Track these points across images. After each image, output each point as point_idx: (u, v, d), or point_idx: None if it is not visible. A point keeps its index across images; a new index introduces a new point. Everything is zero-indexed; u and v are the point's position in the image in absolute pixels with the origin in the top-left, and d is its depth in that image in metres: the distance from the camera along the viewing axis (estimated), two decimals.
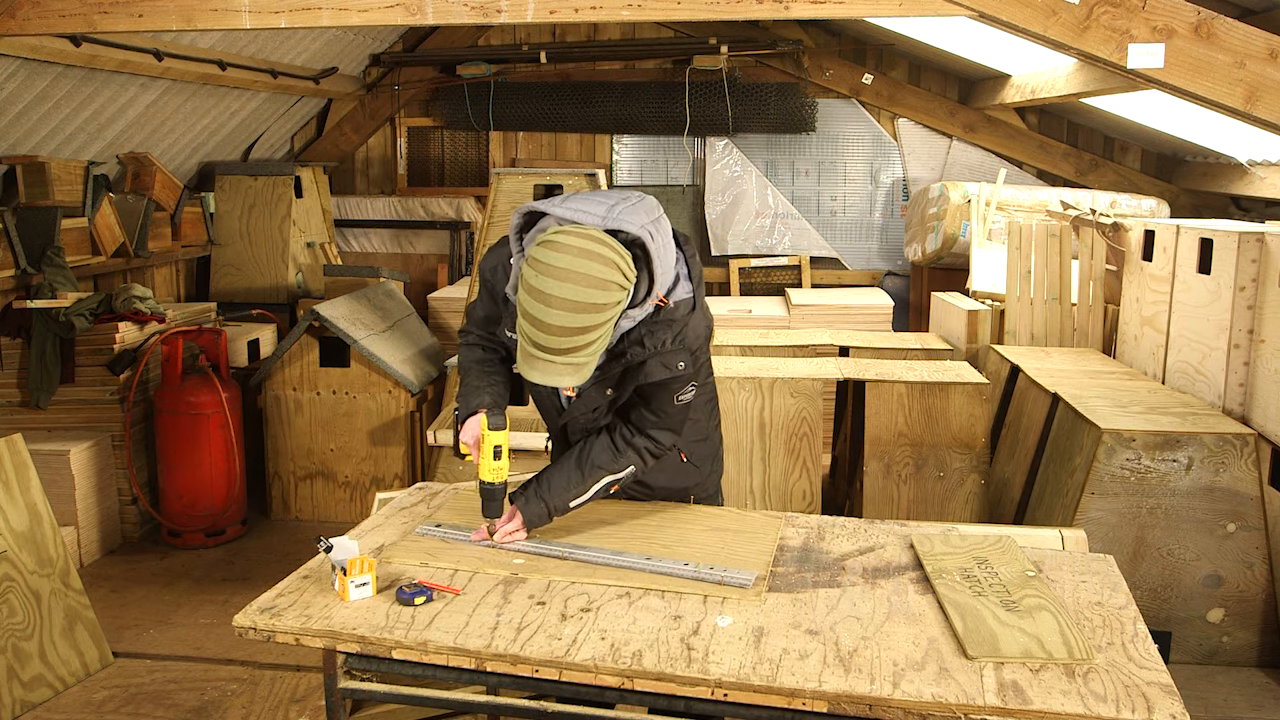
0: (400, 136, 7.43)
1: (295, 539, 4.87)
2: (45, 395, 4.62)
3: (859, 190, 7.10)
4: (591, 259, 2.01)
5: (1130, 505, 3.58)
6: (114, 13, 3.72)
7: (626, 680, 1.78)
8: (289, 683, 3.49)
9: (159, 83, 5.38)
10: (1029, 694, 1.68)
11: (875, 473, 4.13)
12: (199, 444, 4.73)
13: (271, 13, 3.67)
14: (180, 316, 5.10)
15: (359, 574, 2.03)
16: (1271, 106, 3.38)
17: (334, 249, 7.02)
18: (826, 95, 6.96)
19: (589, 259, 2.01)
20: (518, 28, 7.03)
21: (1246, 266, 3.82)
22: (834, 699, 1.70)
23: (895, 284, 7.09)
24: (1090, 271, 5.05)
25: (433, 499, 2.63)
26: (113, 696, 3.43)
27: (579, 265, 2.00)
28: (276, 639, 1.93)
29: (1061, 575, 2.16)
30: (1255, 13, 3.81)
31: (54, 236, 4.92)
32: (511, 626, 1.91)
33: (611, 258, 2.03)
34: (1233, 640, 3.61)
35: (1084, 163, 6.68)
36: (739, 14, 3.58)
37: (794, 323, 6.06)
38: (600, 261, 2.01)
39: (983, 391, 4.08)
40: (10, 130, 4.78)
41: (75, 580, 3.58)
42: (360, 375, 4.98)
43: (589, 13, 3.63)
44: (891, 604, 2.01)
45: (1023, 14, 3.40)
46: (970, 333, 5.30)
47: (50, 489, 4.40)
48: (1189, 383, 4.18)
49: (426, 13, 3.63)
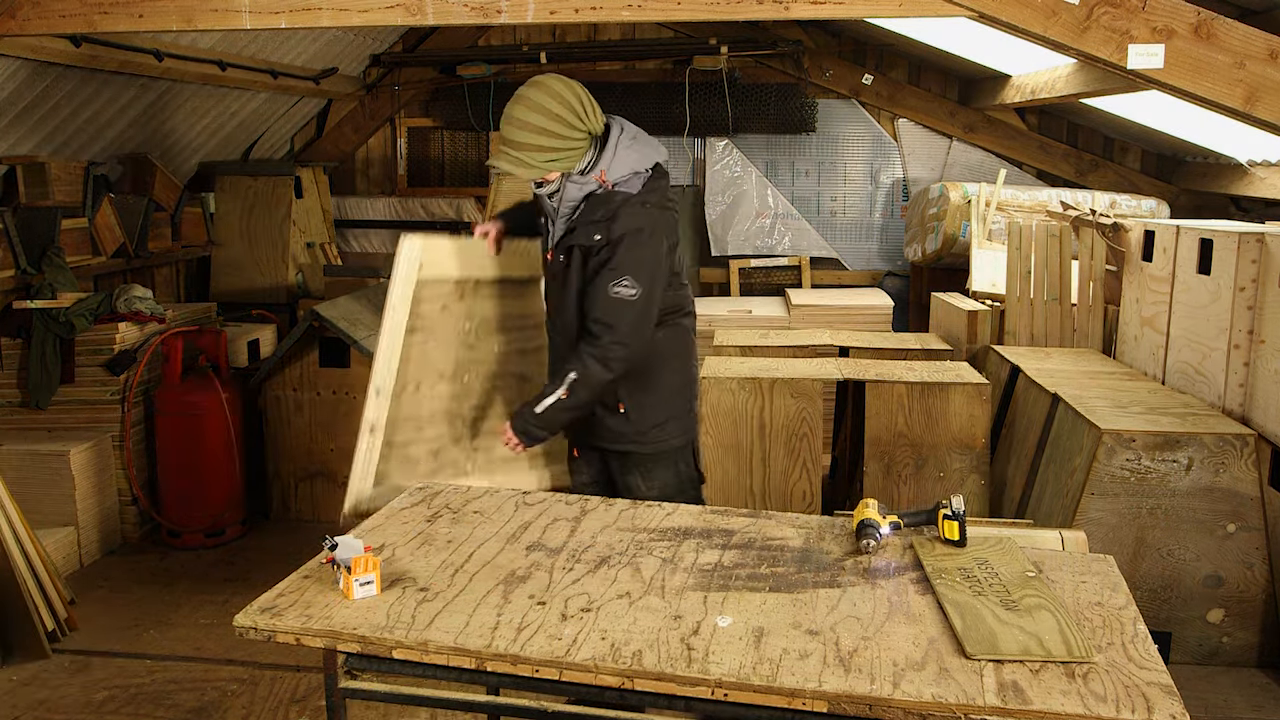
0: (400, 137, 7.43)
1: (295, 539, 4.87)
2: (45, 395, 4.62)
3: (859, 190, 7.10)
4: (565, 94, 2.70)
5: (1130, 505, 3.59)
6: (114, 13, 3.71)
7: (626, 680, 1.78)
8: (289, 683, 3.49)
9: (159, 83, 5.38)
10: (1029, 694, 1.68)
11: (875, 473, 4.13)
12: (199, 444, 4.73)
13: (271, 13, 3.66)
14: (180, 316, 5.10)
15: (363, 573, 2.03)
16: (1271, 107, 3.37)
17: (334, 249, 7.02)
18: (826, 95, 6.96)
19: (564, 92, 2.70)
20: (518, 28, 7.03)
21: (1246, 267, 3.82)
22: (834, 699, 1.70)
23: (895, 284, 7.09)
24: (1090, 272, 5.05)
25: (433, 499, 2.63)
26: (113, 696, 3.42)
27: (554, 90, 2.71)
28: (277, 639, 1.94)
29: (1061, 575, 2.17)
30: (1255, 13, 3.81)
31: (54, 236, 4.92)
32: (512, 626, 1.91)
33: (581, 105, 2.70)
34: (1233, 640, 3.61)
35: (1084, 163, 6.69)
36: (739, 14, 3.58)
37: (794, 323, 6.06)
38: (571, 100, 2.69)
39: (983, 392, 4.08)
40: (10, 130, 4.78)
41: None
42: (360, 375, 4.97)
43: (589, 13, 3.63)
44: (891, 604, 2.01)
45: (1023, 14, 3.39)
46: (970, 333, 5.30)
47: (50, 489, 4.41)
48: (1189, 383, 4.18)
49: (426, 13, 3.63)
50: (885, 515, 2.29)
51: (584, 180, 2.75)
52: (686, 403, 2.97)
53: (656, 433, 2.89)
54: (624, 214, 2.72)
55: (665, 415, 2.88)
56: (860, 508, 2.31)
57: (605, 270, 2.70)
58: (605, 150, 2.75)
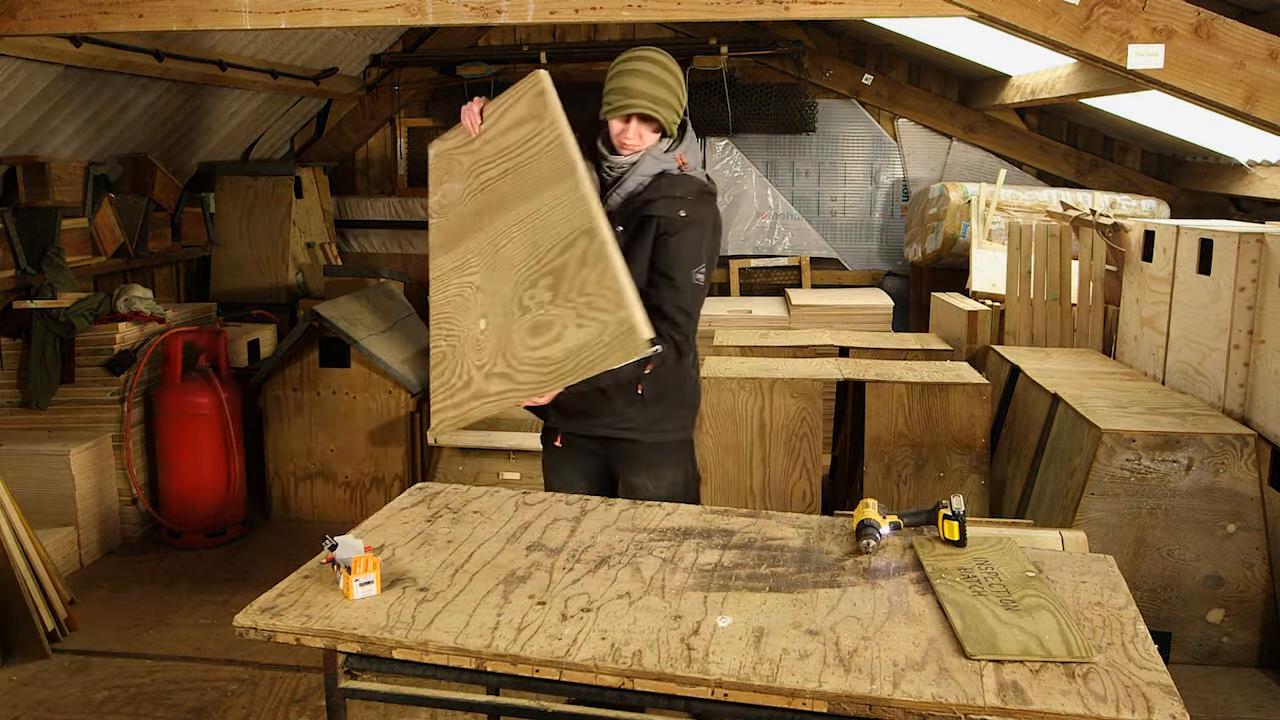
0: (400, 137, 7.43)
1: (295, 539, 4.87)
2: (45, 395, 4.62)
3: (859, 190, 7.10)
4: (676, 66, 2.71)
5: (1130, 505, 3.59)
6: (114, 13, 3.72)
7: (626, 680, 1.78)
8: (289, 683, 3.49)
9: (159, 83, 5.38)
10: (1029, 694, 1.68)
11: (875, 473, 4.13)
12: (199, 444, 4.73)
13: (271, 13, 3.66)
14: (180, 316, 5.10)
15: (363, 572, 2.03)
16: (1271, 107, 3.38)
17: (334, 249, 7.02)
18: (826, 96, 6.96)
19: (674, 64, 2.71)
20: (518, 28, 7.03)
21: (1246, 267, 3.82)
22: (834, 699, 1.70)
23: (895, 284, 7.09)
24: (1090, 272, 5.05)
25: (433, 500, 2.63)
26: (113, 696, 3.42)
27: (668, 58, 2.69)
28: (277, 639, 1.94)
29: (1061, 575, 2.17)
30: (1255, 13, 3.81)
31: (54, 236, 4.92)
32: (512, 626, 1.91)
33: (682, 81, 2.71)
34: (1233, 641, 3.61)
35: (1084, 163, 6.68)
36: (739, 14, 3.58)
37: (794, 323, 6.06)
38: (678, 74, 2.70)
39: (983, 392, 4.08)
40: (10, 130, 4.78)
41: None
42: (360, 375, 4.98)
43: (589, 13, 3.63)
44: (891, 604, 2.01)
45: (1023, 14, 3.40)
46: (970, 333, 5.30)
47: (50, 489, 4.41)
48: (1189, 383, 4.18)
49: (426, 13, 3.63)
50: (885, 515, 2.29)
51: (664, 158, 2.71)
52: (695, 397, 2.95)
53: (667, 423, 2.80)
54: (706, 201, 2.72)
55: (678, 405, 2.83)
56: (860, 508, 2.31)
57: (686, 253, 2.64)
58: (687, 137, 2.77)
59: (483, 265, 2.62)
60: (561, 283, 2.41)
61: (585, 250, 2.37)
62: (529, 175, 2.54)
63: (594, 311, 2.35)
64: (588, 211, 2.39)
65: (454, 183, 2.74)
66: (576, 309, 2.38)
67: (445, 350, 2.69)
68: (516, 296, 2.51)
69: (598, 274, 2.34)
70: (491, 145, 2.65)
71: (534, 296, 2.47)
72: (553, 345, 2.42)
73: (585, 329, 2.36)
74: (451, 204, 2.74)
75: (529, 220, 2.51)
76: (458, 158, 2.75)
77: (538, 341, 2.46)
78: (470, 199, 2.68)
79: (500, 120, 2.66)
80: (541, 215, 2.48)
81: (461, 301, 2.66)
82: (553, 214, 2.46)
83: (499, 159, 2.63)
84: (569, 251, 2.41)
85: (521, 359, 2.49)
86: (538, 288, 2.46)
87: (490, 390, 2.55)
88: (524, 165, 2.56)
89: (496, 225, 2.59)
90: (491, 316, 2.57)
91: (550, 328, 2.43)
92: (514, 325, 2.51)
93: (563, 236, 2.42)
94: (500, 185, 2.60)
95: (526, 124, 2.58)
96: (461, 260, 2.68)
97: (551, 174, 2.48)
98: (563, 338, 2.40)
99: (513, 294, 2.52)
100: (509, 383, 2.51)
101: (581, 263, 2.38)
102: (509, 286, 2.53)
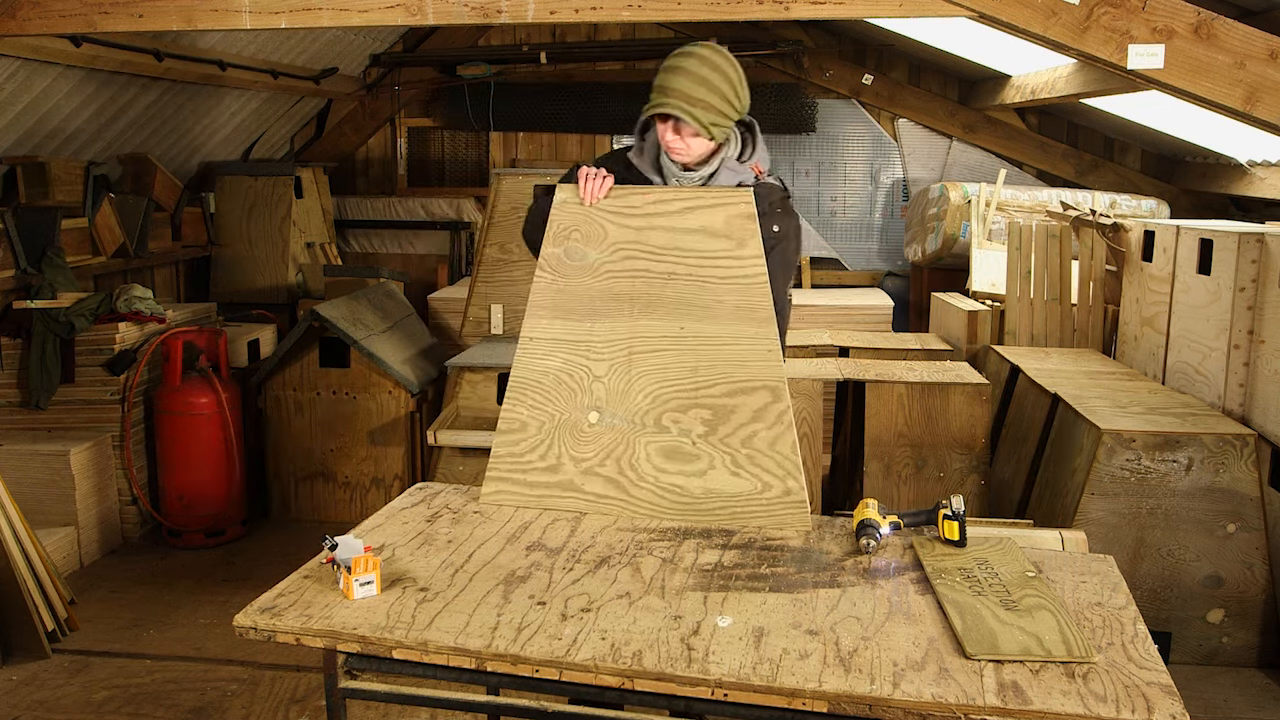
0: (400, 137, 7.43)
1: (295, 539, 4.87)
2: (45, 395, 4.62)
3: (859, 191, 7.10)
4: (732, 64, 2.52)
5: (1130, 506, 3.59)
6: (114, 13, 3.72)
7: (626, 680, 1.78)
8: (289, 683, 3.49)
9: (159, 83, 5.38)
10: (1029, 694, 1.68)
11: (875, 473, 4.12)
12: (199, 444, 4.73)
13: (271, 13, 3.66)
14: (180, 316, 5.10)
15: (363, 572, 2.03)
16: (1271, 107, 3.38)
17: (334, 249, 7.02)
18: (826, 96, 6.96)
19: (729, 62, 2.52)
20: (518, 28, 7.03)
21: (1246, 267, 3.82)
22: (834, 699, 1.70)
23: (895, 284, 7.09)
24: (1090, 272, 5.05)
25: (433, 500, 2.63)
26: (113, 696, 3.42)
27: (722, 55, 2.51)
28: (277, 639, 1.93)
29: (1061, 575, 2.16)
30: (1255, 13, 3.81)
31: (54, 236, 4.92)
32: (512, 626, 1.91)
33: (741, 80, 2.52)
34: (1233, 641, 3.61)
35: (1084, 163, 6.69)
36: (739, 15, 3.58)
37: (794, 323, 6.06)
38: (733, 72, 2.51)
39: (983, 392, 4.08)
40: (10, 130, 4.78)
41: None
42: (360, 375, 4.98)
43: (589, 13, 3.63)
44: (891, 604, 2.01)
45: (1023, 14, 3.40)
46: (970, 333, 5.30)
47: (50, 489, 4.41)
48: (1189, 383, 4.18)
49: (427, 13, 3.63)
50: (885, 515, 2.29)
51: (739, 169, 2.58)
52: None
53: None
54: (790, 211, 2.60)
55: None
56: (860, 508, 2.31)
57: (780, 271, 2.52)
58: (757, 142, 2.62)
59: (612, 357, 2.50)
60: (722, 423, 2.42)
61: (765, 407, 2.39)
62: (708, 296, 2.43)
63: (755, 468, 2.40)
64: (779, 371, 2.40)
65: (588, 247, 2.52)
66: (734, 456, 2.41)
67: (527, 420, 2.54)
68: (654, 412, 2.46)
69: (774, 436, 2.39)
70: (660, 236, 2.47)
71: (678, 422, 2.44)
72: (691, 478, 2.43)
73: (741, 480, 2.40)
74: (579, 269, 2.53)
75: (695, 343, 2.44)
76: (601, 222, 2.51)
77: (673, 467, 2.44)
78: (609, 278, 2.51)
79: (681, 216, 2.47)
80: (714, 346, 2.43)
81: (569, 381, 2.53)
82: (729, 351, 2.42)
83: (668, 255, 2.47)
84: (741, 397, 2.41)
85: (643, 474, 2.46)
86: (688, 415, 2.44)
87: (586, 489, 2.51)
88: (706, 283, 2.44)
89: (644, 325, 2.48)
90: (609, 416, 2.49)
91: (694, 460, 2.43)
92: (641, 437, 2.47)
93: (738, 380, 2.41)
94: (663, 286, 2.47)
95: (718, 240, 2.44)
96: (581, 339, 2.53)
97: (740, 311, 2.42)
98: (708, 476, 2.42)
99: (649, 407, 2.46)
100: (617, 490, 2.48)
101: (756, 417, 2.40)
102: (644, 397, 2.47)
